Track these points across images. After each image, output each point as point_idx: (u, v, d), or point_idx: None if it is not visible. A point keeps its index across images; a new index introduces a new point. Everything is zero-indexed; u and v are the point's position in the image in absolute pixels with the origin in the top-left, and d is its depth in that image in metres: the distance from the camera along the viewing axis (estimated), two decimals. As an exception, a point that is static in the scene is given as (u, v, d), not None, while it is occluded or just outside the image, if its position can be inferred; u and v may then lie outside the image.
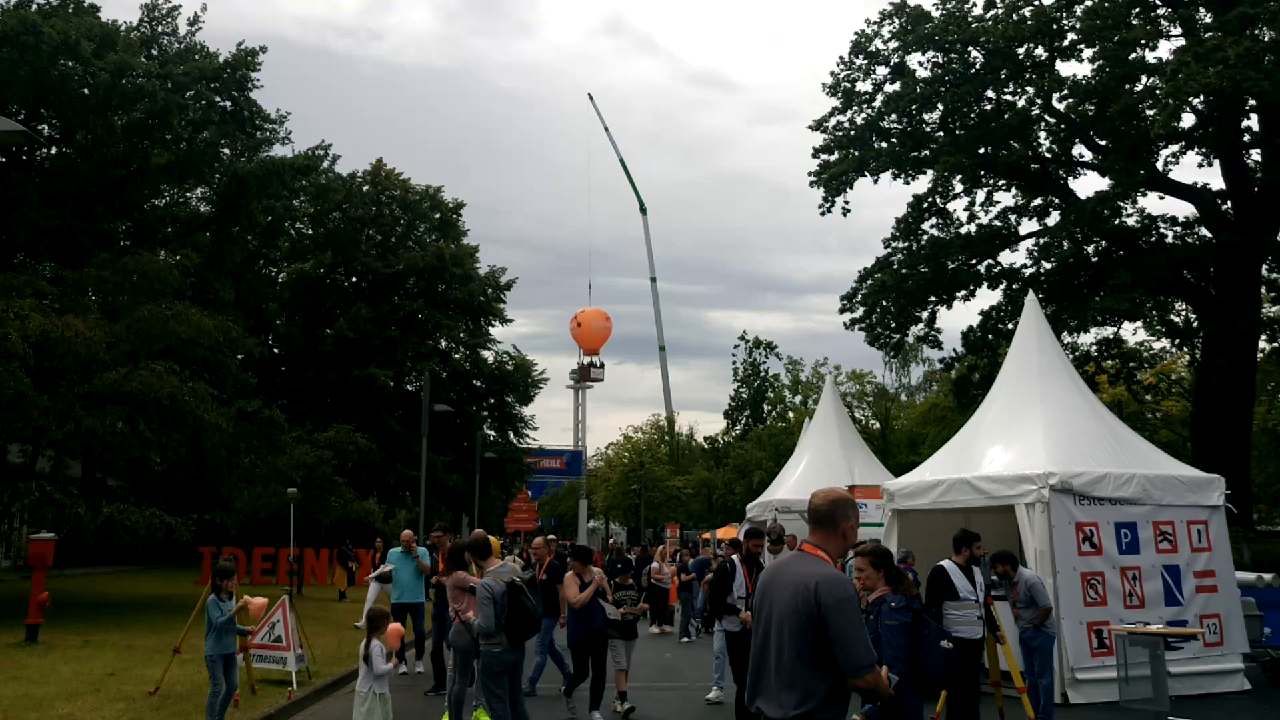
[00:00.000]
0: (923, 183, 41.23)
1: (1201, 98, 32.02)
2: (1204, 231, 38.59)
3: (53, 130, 38.36)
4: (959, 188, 41.00)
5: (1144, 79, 34.98)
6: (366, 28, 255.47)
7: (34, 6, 36.99)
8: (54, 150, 39.13)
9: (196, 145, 40.56)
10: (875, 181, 40.71)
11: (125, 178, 39.23)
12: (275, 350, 62.86)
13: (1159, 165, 37.44)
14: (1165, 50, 35.71)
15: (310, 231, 65.92)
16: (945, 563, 13.12)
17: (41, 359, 26.95)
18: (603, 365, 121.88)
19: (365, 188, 67.28)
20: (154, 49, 41.82)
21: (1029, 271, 41.00)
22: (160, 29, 42.66)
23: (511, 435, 74.15)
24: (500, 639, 11.63)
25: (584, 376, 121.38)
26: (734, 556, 14.23)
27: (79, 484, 30.15)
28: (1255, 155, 36.90)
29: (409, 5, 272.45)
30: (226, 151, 44.29)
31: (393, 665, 12.89)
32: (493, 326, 71.44)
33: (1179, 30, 35.11)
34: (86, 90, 35.71)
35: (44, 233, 36.19)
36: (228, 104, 41.14)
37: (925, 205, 41.24)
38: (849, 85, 40.76)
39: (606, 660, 15.43)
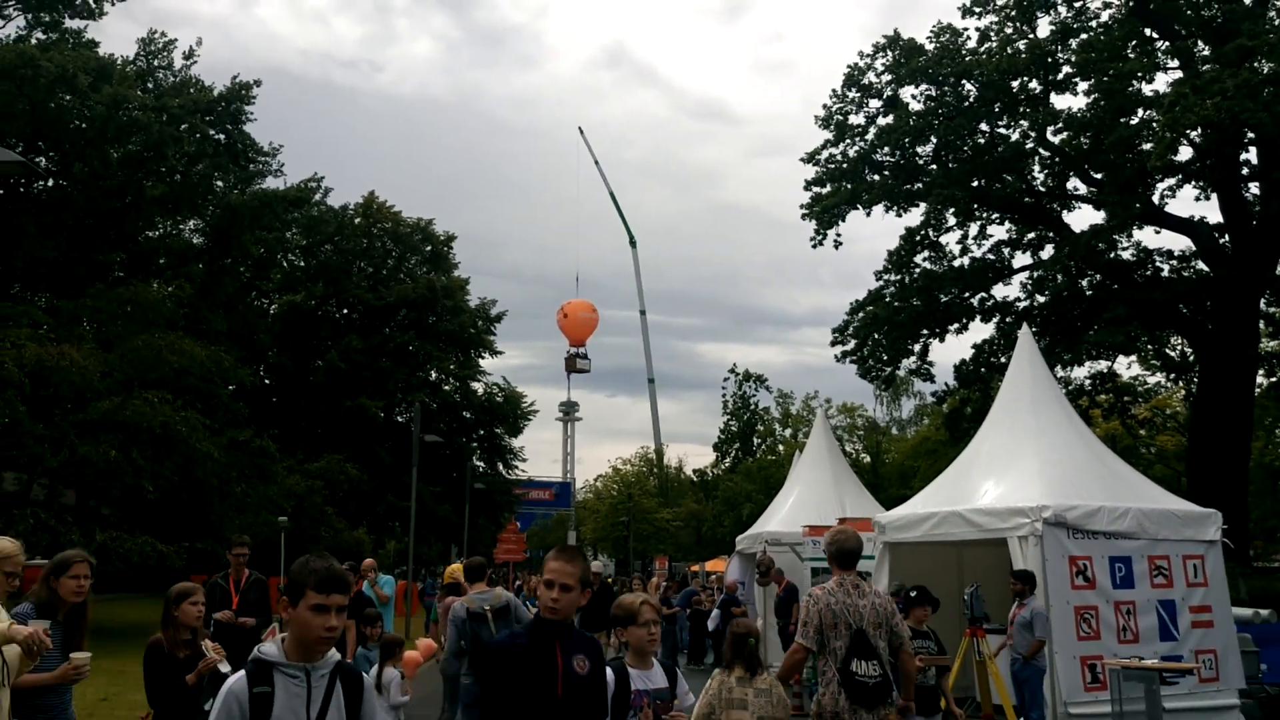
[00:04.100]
0: (915, 215, 41.25)
1: (1199, 130, 31.89)
2: (1201, 265, 38.43)
3: (50, 162, 38.74)
4: (952, 220, 40.89)
5: (1140, 112, 34.90)
6: (368, 59, 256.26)
7: (33, 40, 37.28)
8: (51, 182, 39.53)
9: (190, 177, 41.03)
10: (868, 214, 40.64)
11: (121, 209, 39.66)
12: (267, 380, 62.73)
13: (1155, 199, 37.39)
14: (1162, 83, 35.63)
15: (302, 263, 66.27)
16: None
17: (37, 388, 27.18)
18: (588, 357, 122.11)
19: (357, 220, 67.58)
20: (150, 82, 42.29)
21: (1022, 305, 40.90)
22: (156, 63, 43.31)
23: (501, 466, 74.47)
24: (464, 666, 11.28)
25: (570, 368, 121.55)
26: None
27: (73, 511, 30.28)
28: (1254, 188, 36.70)
29: (410, 37, 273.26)
30: (220, 183, 44.56)
31: (408, 698, 12.15)
32: (483, 358, 71.99)
33: (1176, 63, 34.96)
34: (84, 123, 36.15)
35: (41, 263, 36.57)
36: (221, 137, 41.73)
37: (918, 238, 41.17)
38: (841, 118, 40.67)
39: None
